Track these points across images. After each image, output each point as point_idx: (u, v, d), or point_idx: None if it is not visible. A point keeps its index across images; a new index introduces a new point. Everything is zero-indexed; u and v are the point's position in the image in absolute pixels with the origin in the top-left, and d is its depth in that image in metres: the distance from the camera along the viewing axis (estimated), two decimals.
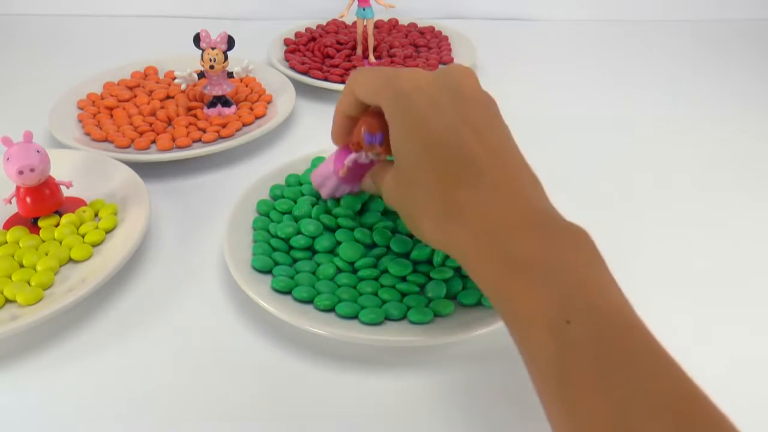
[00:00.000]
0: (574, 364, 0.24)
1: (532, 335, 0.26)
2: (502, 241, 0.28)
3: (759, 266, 0.43)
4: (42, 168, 0.42)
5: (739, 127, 0.61)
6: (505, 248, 0.28)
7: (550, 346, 0.25)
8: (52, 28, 0.84)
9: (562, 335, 0.25)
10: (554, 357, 0.25)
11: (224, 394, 0.34)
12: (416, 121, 0.31)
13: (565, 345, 0.25)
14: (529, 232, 0.28)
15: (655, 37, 0.83)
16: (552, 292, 0.26)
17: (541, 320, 0.26)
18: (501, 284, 0.28)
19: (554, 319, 0.25)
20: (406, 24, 0.79)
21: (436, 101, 0.32)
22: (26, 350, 0.37)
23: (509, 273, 0.27)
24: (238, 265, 0.39)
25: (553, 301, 0.26)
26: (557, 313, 0.25)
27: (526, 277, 0.27)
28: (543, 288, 0.26)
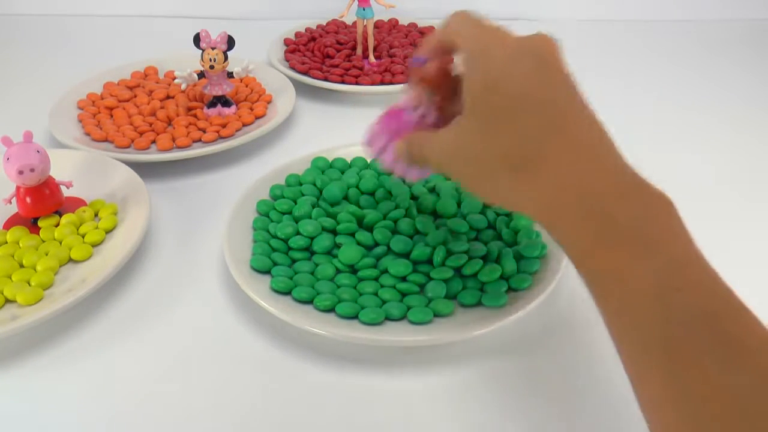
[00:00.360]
0: (687, 335, 0.23)
1: (636, 301, 0.25)
2: (594, 199, 0.27)
3: (759, 266, 0.43)
4: (42, 168, 0.42)
5: (739, 127, 0.61)
6: (599, 208, 0.27)
7: (658, 313, 0.24)
8: (52, 28, 0.84)
9: (673, 303, 0.24)
10: (662, 324, 0.24)
11: (224, 394, 0.34)
12: (497, 78, 0.30)
13: (676, 313, 0.24)
14: (623, 192, 0.27)
15: (655, 37, 0.83)
16: (659, 260, 0.25)
17: (648, 286, 0.24)
18: (597, 247, 0.26)
19: (664, 286, 0.24)
20: (406, 24, 0.79)
21: (519, 62, 0.30)
22: (26, 350, 0.37)
23: (607, 236, 0.26)
24: (238, 265, 0.39)
25: (661, 268, 0.25)
26: (667, 280, 0.24)
27: (627, 242, 0.26)
28: (648, 255, 0.25)
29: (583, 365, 0.36)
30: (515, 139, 0.29)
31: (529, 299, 0.36)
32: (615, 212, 0.26)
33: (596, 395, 0.34)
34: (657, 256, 0.25)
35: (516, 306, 0.36)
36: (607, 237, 0.26)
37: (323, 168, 0.49)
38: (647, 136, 0.58)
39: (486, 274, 0.38)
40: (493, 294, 0.37)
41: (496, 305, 0.37)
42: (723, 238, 0.46)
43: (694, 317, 0.23)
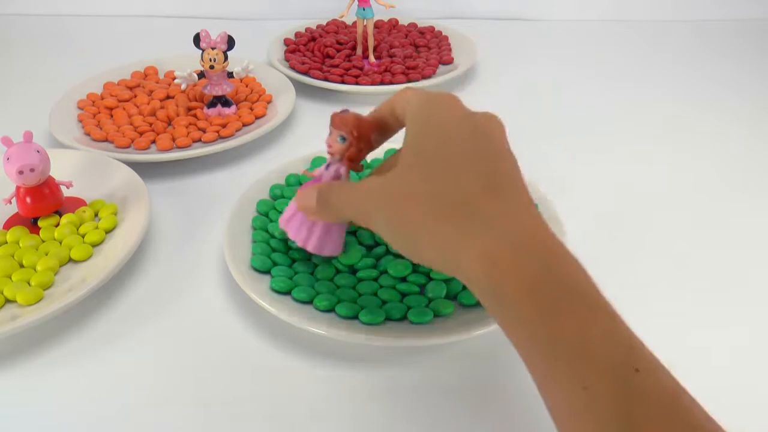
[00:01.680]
0: (645, 420, 0.22)
1: (594, 380, 0.24)
2: (541, 257, 0.26)
3: (760, 266, 0.43)
4: (42, 168, 0.42)
5: (739, 127, 0.61)
6: (547, 267, 0.26)
7: (616, 395, 0.23)
8: (52, 28, 0.84)
9: (632, 384, 0.23)
10: (619, 408, 0.23)
11: (224, 394, 0.34)
12: (446, 123, 0.30)
13: (636, 396, 0.23)
14: (567, 255, 0.27)
15: (655, 37, 0.83)
16: (614, 333, 0.24)
17: (605, 364, 0.24)
18: (543, 307, 0.25)
19: (622, 365, 0.24)
20: (406, 24, 0.79)
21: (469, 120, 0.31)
22: (26, 350, 0.37)
23: (555, 295, 0.25)
24: (238, 265, 0.39)
25: (617, 345, 0.24)
26: (624, 359, 0.24)
27: (577, 306, 0.25)
28: (602, 325, 0.25)
29: None
30: (450, 189, 0.29)
31: None
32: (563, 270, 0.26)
33: None
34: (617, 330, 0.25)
35: None
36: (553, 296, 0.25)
37: None
38: (647, 136, 0.59)
39: None
40: None
41: None
42: (724, 237, 0.46)
43: (654, 399, 0.23)
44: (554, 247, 0.27)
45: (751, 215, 0.49)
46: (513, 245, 0.27)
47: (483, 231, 0.27)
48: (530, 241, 0.27)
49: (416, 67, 0.66)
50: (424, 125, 0.31)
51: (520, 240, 0.27)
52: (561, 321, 0.25)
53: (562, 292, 0.25)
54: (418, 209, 0.29)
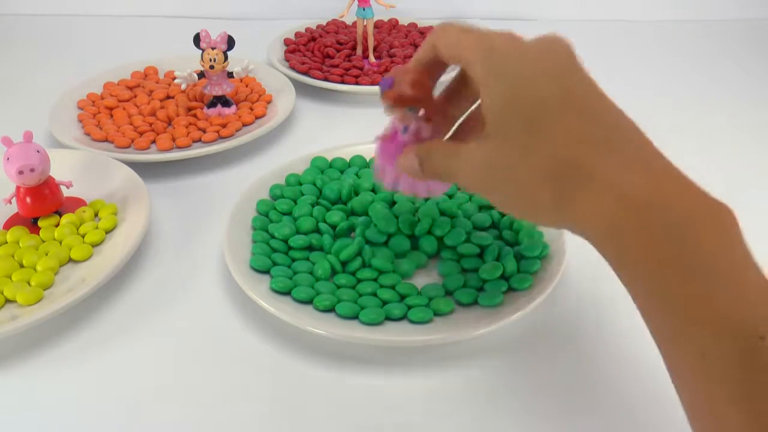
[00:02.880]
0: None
1: (715, 347, 0.23)
2: (659, 220, 0.24)
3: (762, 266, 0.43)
4: (42, 168, 0.42)
5: (739, 127, 0.61)
6: (665, 231, 0.24)
7: (740, 364, 0.22)
8: (52, 28, 0.84)
9: (757, 355, 0.22)
10: (746, 377, 0.22)
11: (224, 394, 0.34)
12: (525, 81, 0.27)
13: (758, 365, 0.22)
14: (687, 215, 0.25)
15: (656, 37, 0.83)
16: (738, 299, 0.23)
17: (729, 331, 0.23)
18: (660, 276, 0.24)
19: (747, 333, 0.22)
20: (406, 24, 0.79)
21: (542, 62, 0.28)
22: (26, 350, 0.37)
23: (674, 264, 0.24)
24: (238, 265, 0.39)
25: (741, 311, 0.23)
26: (751, 326, 0.22)
27: (702, 270, 0.24)
28: (725, 290, 0.23)
29: (583, 365, 0.36)
30: (551, 149, 0.27)
31: (529, 299, 0.36)
32: (685, 235, 0.24)
33: (596, 395, 0.34)
34: (736, 292, 0.23)
35: (516, 306, 0.36)
36: (681, 262, 0.24)
37: (323, 168, 0.49)
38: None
39: (487, 271, 0.38)
40: (490, 293, 0.37)
41: (491, 304, 0.37)
42: None
43: None
44: (681, 200, 0.25)
45: (751, 215, 0.49)
46: (636, 203, 0.25)
47: (604, 191, 0.26)
48: (655, 197, 0.25)
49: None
50: (499, 83, 0.28)
51: (643, 196, 0.25)
52: (686, 285, 0.24)
53: (688, 255, 0.24)
54: (528, 189, 0.27)
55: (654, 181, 0.26)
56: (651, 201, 0.25)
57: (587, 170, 0.26)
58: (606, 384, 0.35)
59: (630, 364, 0.36)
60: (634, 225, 0.25)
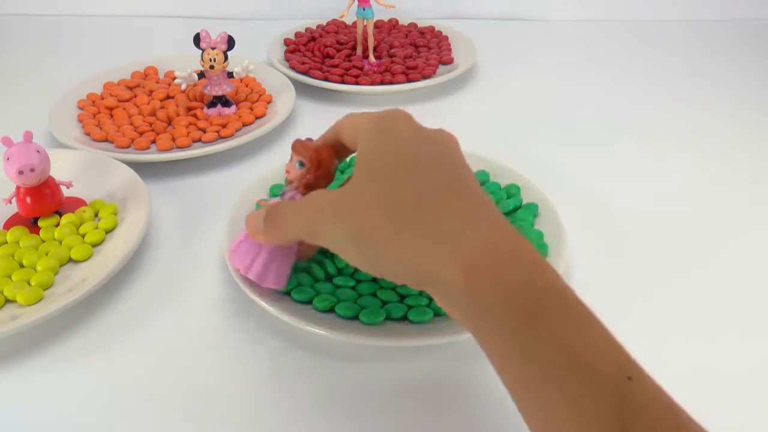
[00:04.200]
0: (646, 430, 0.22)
1: (586, 392, 0.23)
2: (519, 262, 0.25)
3: (760, 266, 0.43)
4: (42, 168, 0.42)
5: (739, 127, 0.61)
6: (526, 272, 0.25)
7: (612, 407, 0.22)
8: (52, 28, 0.84)
9: (626, 395, 0.22)
10: (621, 421, 0.22)
11: (224, 394, 0.34)
12: (395, 137, 0.30)
13: (632, 407, 0.22)
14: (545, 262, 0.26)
15: (655, 37, 0.83)
16: (608, 345, 0.24)
17: (598, 375, 0.23)
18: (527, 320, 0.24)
19: (615, 377, 0.23)
20: (406, 24, 0.79)
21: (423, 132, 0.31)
22: (26, 350, 0.37)
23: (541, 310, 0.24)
24: None
25: (611, 355, 0.23)
26: (617, 370, 0.23)
27: (567, 321, 0.24)
28: (594, 338, 0.24)
29: None
30: (411, 193, 0.27)
31: None
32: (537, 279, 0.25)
33: None
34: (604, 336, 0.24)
35: None
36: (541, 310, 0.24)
37: None
38: (647, 136, 0.58)
39: None
40: None
41: None
42: (723, 237, 0.46)
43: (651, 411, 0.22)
44: (531, 251, 0.26)
45: (751, 215, 0.49)
46: (491, 249, 0.25)
47: (456, 235, 0.26)
48: (508, 245, 0.26)
49: (416, 67, 0.66)
50: (377, 138, 0.30)
51: (497, 244, 0.26)
52: (547, 330, 0.24)
53: (546, 300, 0.24)
54: (381, 220, 0.27)
55: (509, 229, 0.27)
56: (507, 244, 0.26)
57: (449, 218, 0.27)
58: None
59: None
60: (490, 272, 0.25)
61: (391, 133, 0.30)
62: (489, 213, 0.27)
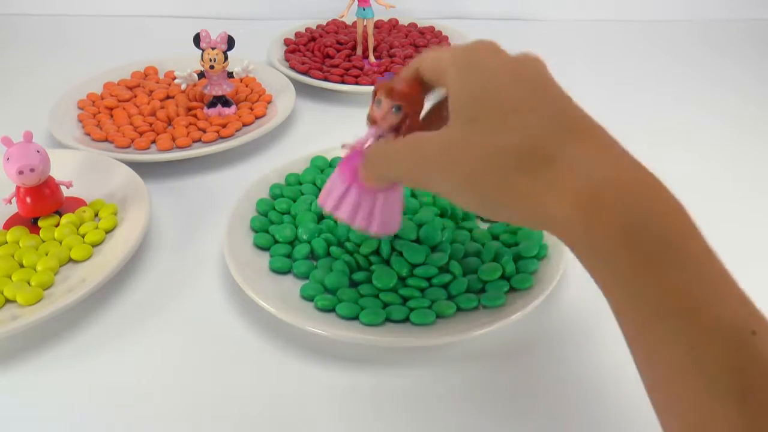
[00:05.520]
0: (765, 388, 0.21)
1: (705, 340, 0.22)
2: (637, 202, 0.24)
3: (759, 266, 0.43)
4: (42, 168, 0.42)
5: (739, 127, 0.61)
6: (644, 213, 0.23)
7: (733, 360, 0.21)
8: (52, 28, 0.84)
9: (749, 349, 0.21)
10: (740, 375, 0.21)
11: (224, 394, 0.34)
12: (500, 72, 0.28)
13: (755, 363, 0.21)
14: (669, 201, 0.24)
15: (655, 37, 0.83)
16: (731, 294, 0.23)
17: (718, 324, 0.22)
18: (640, 261, 0.23)
19: (738, 327, 0.22)
20: (406, 24, 0.79)
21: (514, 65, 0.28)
22: (26, 350, 0.37)
23: (656, 250, 0.23)
24: (238, 265, 0.39)
25: (734, 305, 0.22)
26: (741, 321, 0.22)
27: (681, 264, 0.23)
28: (712, 283, 0.23)
29: (584, 365, 0.36)
30: (516, 135, 0.26)
31: (529, 299, 0.36)
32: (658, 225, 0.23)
33: (596, 395, 0.34)
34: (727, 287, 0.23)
35: (516, 306, 0.36)
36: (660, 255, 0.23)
37: (322, 167, 0.49)
38: (647, 136, 0.58)
39: (486, 272, 0.38)
40: (492, 294, 0.37)
41: (494, 305, 0.37)
42: (723, 238, 0.46)
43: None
44: (654, 188, 0.25)
45: (752, 215, 0.49)
46: (608, 189, 0.24)
47: (571, 176, 0.25)
48: (627, 183, 0.24)
49: None
50: (469, 78, 0.28)
51: (615, 182, 0.24)
52: (665, 273, 0.23)
53: (666, 242, 0.23)
54: (492, 167, 0.26)
55: (629, 165, 0.25)
56: (627, 182, 0.24)
57: (563, 158, 0.25)
58: (606, 384, 0.35)
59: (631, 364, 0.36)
60: (606, 212, 0.24)
61: (482, 69, 0.28)
62: (607, 151, 0.26)
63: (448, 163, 0.27)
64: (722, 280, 0.23)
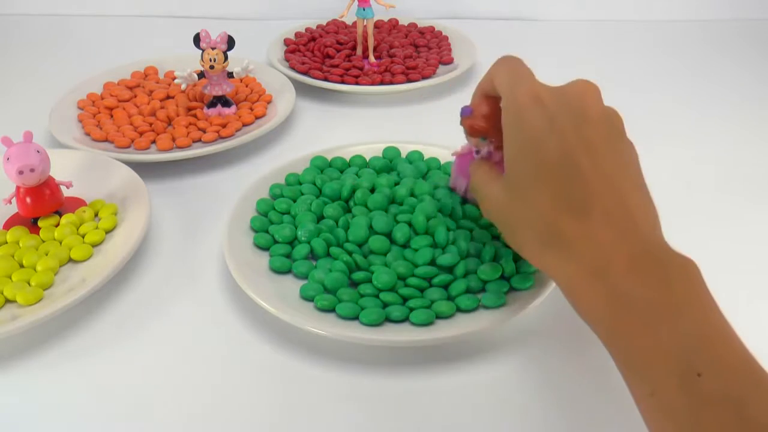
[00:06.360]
0: (715, 421, 0.23)
1: (659, 385, 0.25)
2: (613, 281, 0.27)
3: (760, 267, 0.43)
4: (42, 168, 0.42)
5: (739, 127, 0.61)
6: (617, 289, 0.27)
7: (681, 400, 0.24)
8: (52, 28, 0.84)
9: (695, 389, 0.24)
10: (687, 412, 0.24)
11: (224, 394, 0.34)
12: (532, 140, 0.30)
13: (700, 401, 0.24)
14: (641, 270, 0.27)
15: (655, 37, 0.83)
16: (676, 340, 0.25)
17: (667, 371, 0.25)
18: (614, 326, 0.27)
19: (684, 371, 0.24)
20: (406, 24, 0.79)
21: (555, 120, 0.30)
22: (26, 350, 0.37)
23: (623, 315, 0.27)
24: (238, 265, 0.39)
25: (679, 351, 0.25)
26: (686, 364, 0.24)
27: (643, 321, 0.26)
28: (665, 335, 0.25)
29: (584, 366, 0.36)
30: (540, 210, 0.30)
31: (529, 299, 0.36)
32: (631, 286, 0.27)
33: (597, 395, 0.34)
34: (675, 334, 0.25)
35: (516, 306, 0.36)
36: (623, 311, 0.27)
37: (322, 167, 0.49)
38: (647, 136, 0.58)
39: (486, 273, 0.38)
40: (492, 294, 0.37)
41: (495, 305, 0.37)
42: (724, 238, 0.46)
43: (719, 403, 0.23)
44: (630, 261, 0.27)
45: (752, 215, 0.49)
46: (586, 272, 0.28)
47: (564, 258, 0.29)
48: (604, 265, 0.28)
49: (416, 67, 0.66)
50: (513, 133, 0.31)
51: (594, 265, 0.28)
52: (629, 338, 0.27)
53: (627, 307, 0.27)
54: (516, 231, 0.32)
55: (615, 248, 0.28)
56: (604, 265, 0.28)
57: (564, 237, 0.29)
58: (606, 383, 0.35)
59: None
60: (589, 287, 0.28)
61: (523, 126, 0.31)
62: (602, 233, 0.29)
63: (499, 220, 0.34)
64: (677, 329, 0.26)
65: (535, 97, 0.31)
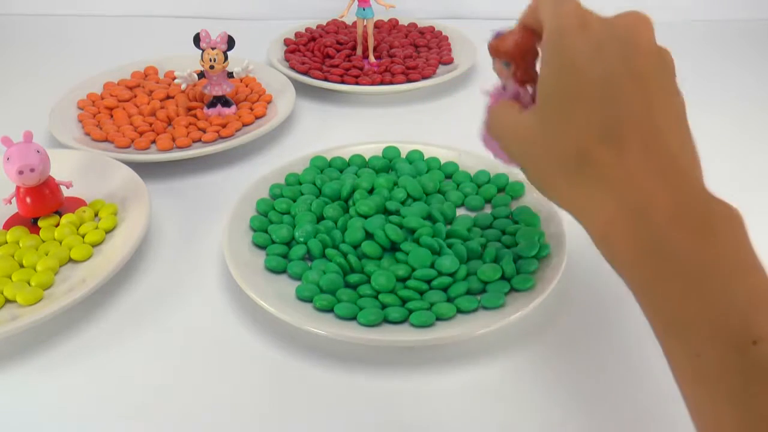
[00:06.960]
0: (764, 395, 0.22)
1: (705, 349, 0.23)
2: (655, 227, 0.25)
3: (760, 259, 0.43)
4: (42, 168, 0.42)
5: (739, 127, 0.61)
6: (658, 236, 0.24)
7: (733, 367, 0.22)
8: (52, 28, 0.84)
9: (749, 358, 0.22)
10: (741, 383, 0.22)
11: (224, 394, 0.34)
12: (573, 64, 0.27)
13: (756, 371, 0.22)
14: (686, 220, 0.25)
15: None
16: (726, 303, 0.23)
17: (716, 335, 0.23)
18: (651, 278, 0.25)
19: (737, 337, 0.22)
20: (406, 24, 0.79)
21: (602, 47, 0.27)
22: (26, 350, 0.37)
23: (665, 268, 0.24)
24: (238, 265, 0.39)
25: (730, 315, 0.23)
26: (739, 330, 0.22)
27: (688, 278, 0.24)
28: (713, 296, 0.23)
29: (584, 366, 0.36)
30: (575, 138, 0.27)
31: (529, 299, 0.36)
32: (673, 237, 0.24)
33: (597, 395, 0.34)
34: (724, 296, 0.23)
35: (516, 306, 0.36)
36: (663, 263, 0.24)
37: (322, 167, 0.49)
38: None
39: (486, 274, 0.38)
40: (492, 295, 0.37)
41: (494, 306, 0.37)
42: None
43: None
44: (674, 206, 0.25)
45: (752, 215, 0.49)
46: (624, 212, 0.25)
47: (597, 194, 0.26)
48: (644, 206, 0.25)
49: (416, 67, 0.66)
50: (553, 58, 0.28)
51: (633, 205, 0.25)
52: (668, 295, 0.24)
53: (671, 260, 0.24)
54: (543, 164, 0.29)
55: (654, 186, 0.26)
56: (644, 205, 0.25)
57: (598, 168, 0.26)
58: (607, 383, 0.35)
59: (633, 363, 0.36)
60: (628, 231, 0.25)
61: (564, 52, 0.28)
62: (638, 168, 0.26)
63: (525, 155, 0.30)
64: (727, 291, 0.24)
65: (582, 22, 0.28)
